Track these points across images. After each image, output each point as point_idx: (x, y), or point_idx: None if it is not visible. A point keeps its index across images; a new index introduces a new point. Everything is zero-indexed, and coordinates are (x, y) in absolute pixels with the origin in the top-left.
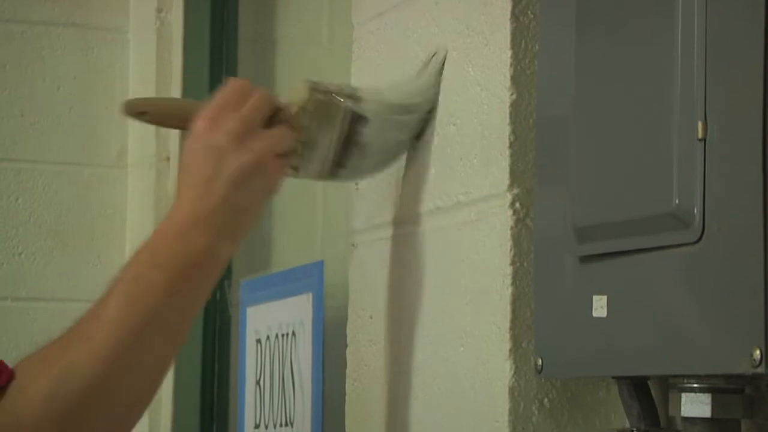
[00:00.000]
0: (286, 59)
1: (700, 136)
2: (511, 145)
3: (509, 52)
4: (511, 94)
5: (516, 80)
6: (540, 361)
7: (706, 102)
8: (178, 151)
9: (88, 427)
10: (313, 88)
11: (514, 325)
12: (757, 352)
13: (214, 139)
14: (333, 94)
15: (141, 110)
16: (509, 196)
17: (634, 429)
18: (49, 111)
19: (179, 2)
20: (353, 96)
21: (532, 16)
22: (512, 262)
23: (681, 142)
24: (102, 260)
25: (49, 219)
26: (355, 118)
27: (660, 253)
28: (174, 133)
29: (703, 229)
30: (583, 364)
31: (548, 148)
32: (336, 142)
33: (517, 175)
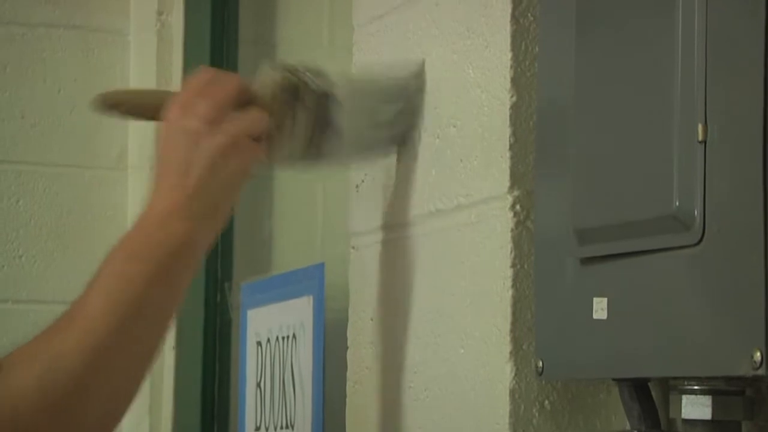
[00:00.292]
0: (286, 61)
1: (700, 138)
2: (512, 147)
3: (509, 54)
4: (512, 96)
5: (516, 82)
6: (540, 363)
7: (706, 104)
8: None
9: (78, 418)
10: (281, 70)
11: (515, 327)
12: (758, 353)
13: (187, 124)
14: (302, 74)
15: (113, 103)
16: (510, 198)
17: (635, 431)
18: (49, 113)
19: (180, 4)
20: (322, 75)
21: (533, 18)
22: (513, 264)
23: (681, 144)
24: None
25: (50, 221)
26: (326, 97)
27: (660, 255)
28: None
29: (703, 231)
30: (583, 366)
31: (548, 150)
32: (309, 125)
33: (518, 177)
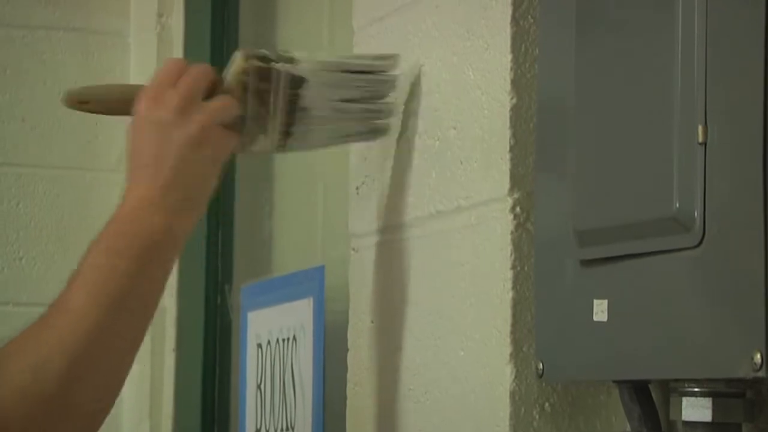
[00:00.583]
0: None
1: (700, 139)
2: (512, 149)
3: (509, 56)
4: (512, 98)
5: (516, 84)
6: (541, 365)
7: (706, 106)
8: None
9: (70, 408)
10: (248, 56)
11: (515, 329)
12: (758, 355)
13: (157, 116)
14: (269, 59)
15: (83, 99)
16: (510, 200)
17: None
18: (50, 115)
19: (180, 6)
20: (289, 59)
21: (533, 20)
22: (513, 266)
23: (681, 145)
24: None
25: (50, 223)
26: (294, 80)
27: (661, 257)
28: None
29: (703, 233)
30: (584, 368)
31: (549, 152)
32: (279, 109)
33: (518, 178)
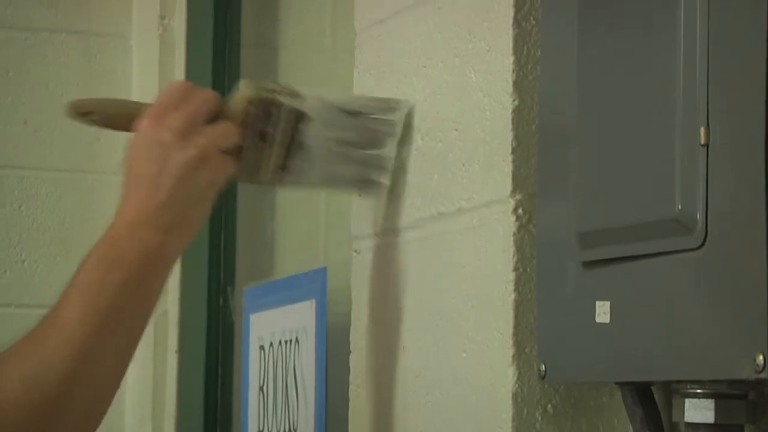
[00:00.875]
0: (288, 65)
1: (702, 141)
2: (514, 151)
3: (511, 58)
4: (514, 100)
5: (518, 86)
6: (543, 367)
7: (708, 107)
8: None
9: (62, 418)
10: (255, 87)
11: (517, 330)
12: (761, 357)
13: (159, 135)
14: (275, 92)
15: (86, 110)
16: (512, 202)
17: None
18: (52, 118)
19: (182, 8)
20: (295, 94)
21: (534, 22)
22: (515, 268)
23: (683, 147)
24: None
25: (53, 226)
26: (298, 116)
27: (663, 259)
28: None
29: (705, 235)
30: (586, 369)
31: (551, 154)
32: (278, 143)
33: (520, 180)
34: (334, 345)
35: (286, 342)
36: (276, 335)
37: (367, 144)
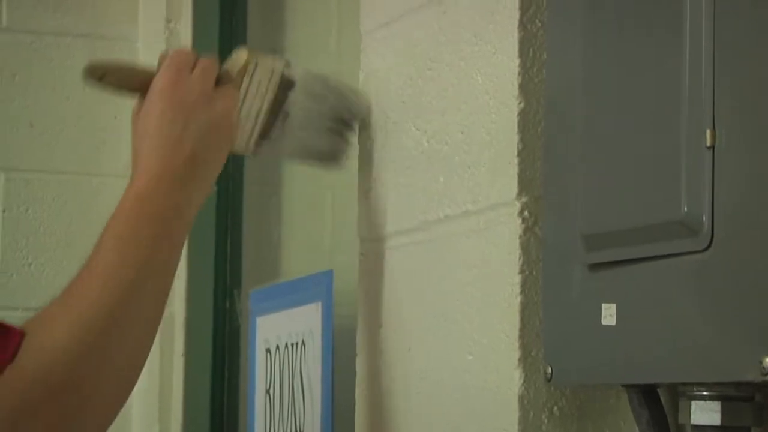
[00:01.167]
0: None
1: (708, 143)
2: (520, 154)
3: (517, 61)
4: (520, 103)
5: (524, 88)
6: (549, 370)
7: (714, 110)
8: None
9: (111, 359)
10: (251, 52)
11: (523, 333)
12: (767, 359)
13: (183, 96)
14: (270, 57)
15: (101, 73)
16: (518, 205)
17: None
18: (58, 121)
19: (188, 11)
20: (287, 65)
21: (540, 24)
22: (521, 271)
23: (689, 149)
24: None
25: (59, 229)
26: (287, 85)
27: (669, 261)
28: None
29: (711, 237)
30: (592, 372)
31: (556, 156)
32: (266, 110)
33: (526, 183)
34: (341, 347)
35: (292, 345)
36: (282, 338)
37: (340, 120)
